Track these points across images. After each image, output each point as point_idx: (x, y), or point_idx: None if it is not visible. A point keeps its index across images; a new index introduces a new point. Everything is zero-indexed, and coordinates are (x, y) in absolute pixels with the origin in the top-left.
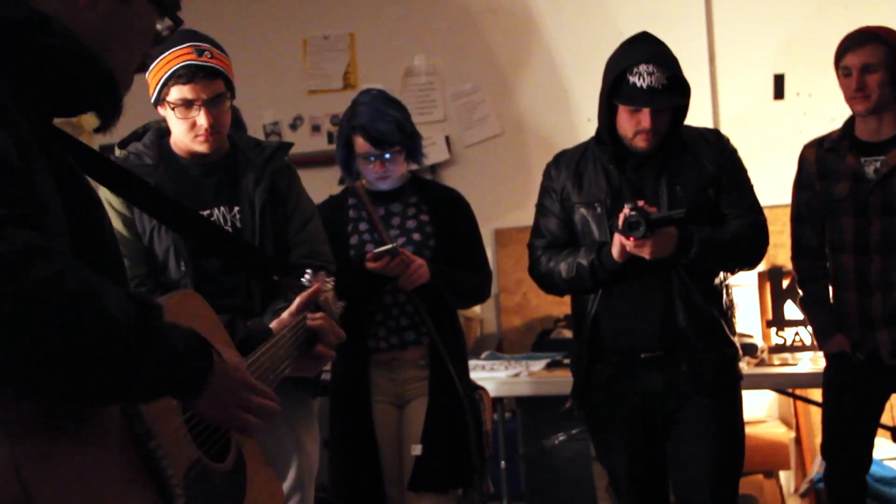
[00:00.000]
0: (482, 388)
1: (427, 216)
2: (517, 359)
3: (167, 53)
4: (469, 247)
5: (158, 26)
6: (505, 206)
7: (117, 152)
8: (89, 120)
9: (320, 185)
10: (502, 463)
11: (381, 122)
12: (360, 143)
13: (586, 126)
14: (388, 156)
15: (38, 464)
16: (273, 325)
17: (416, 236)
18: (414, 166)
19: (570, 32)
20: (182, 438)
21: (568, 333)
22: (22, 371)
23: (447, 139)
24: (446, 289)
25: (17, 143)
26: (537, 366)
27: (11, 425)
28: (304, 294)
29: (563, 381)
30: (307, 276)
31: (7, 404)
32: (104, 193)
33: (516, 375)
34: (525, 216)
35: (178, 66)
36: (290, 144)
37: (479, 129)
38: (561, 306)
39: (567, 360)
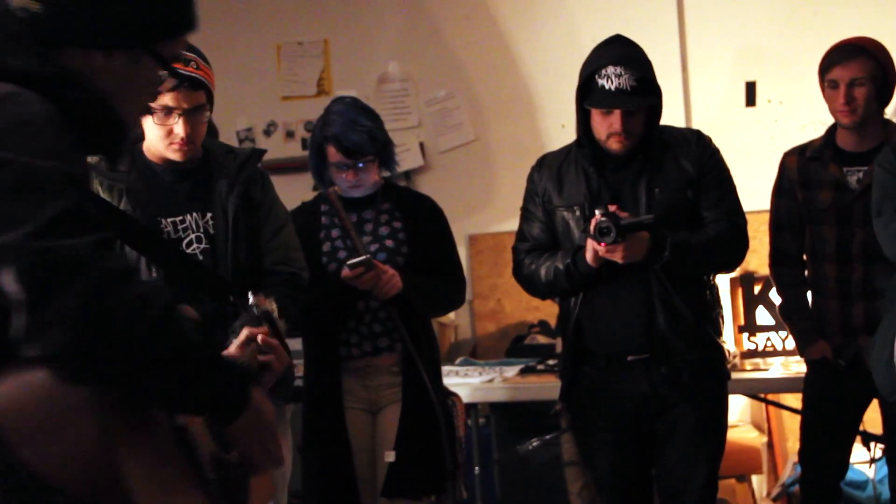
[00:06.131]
0: (455, 395)
1: (400, 223)
2: (491, 365)
3: None
4: (442, 253)
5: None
6: (479, 212)
7: (88, 157)
8: None
9: (294, 191)
10: (476, 469)
11: (354, 132)
12: (333, 153)
13: (560, 132)
14: (360, 165)
15: (122, 436)
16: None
17: (388, 243)
18: (387, 173)
19: (544, 39)
20: (203, 432)
21: (542, 339)
22: (112, 369)
23: (421, 145)
24: (419, 298)
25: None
26: (511, 371)
27: (101, 404)
28: (243, 337)
29: (536, 386)
30: (251, 299)
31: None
32: None
33: (490, 381)
34: (499, 222)
35: None
36: (263, 151)
37: (453, 135)
38: (535, 312)
39: (541, 366)
